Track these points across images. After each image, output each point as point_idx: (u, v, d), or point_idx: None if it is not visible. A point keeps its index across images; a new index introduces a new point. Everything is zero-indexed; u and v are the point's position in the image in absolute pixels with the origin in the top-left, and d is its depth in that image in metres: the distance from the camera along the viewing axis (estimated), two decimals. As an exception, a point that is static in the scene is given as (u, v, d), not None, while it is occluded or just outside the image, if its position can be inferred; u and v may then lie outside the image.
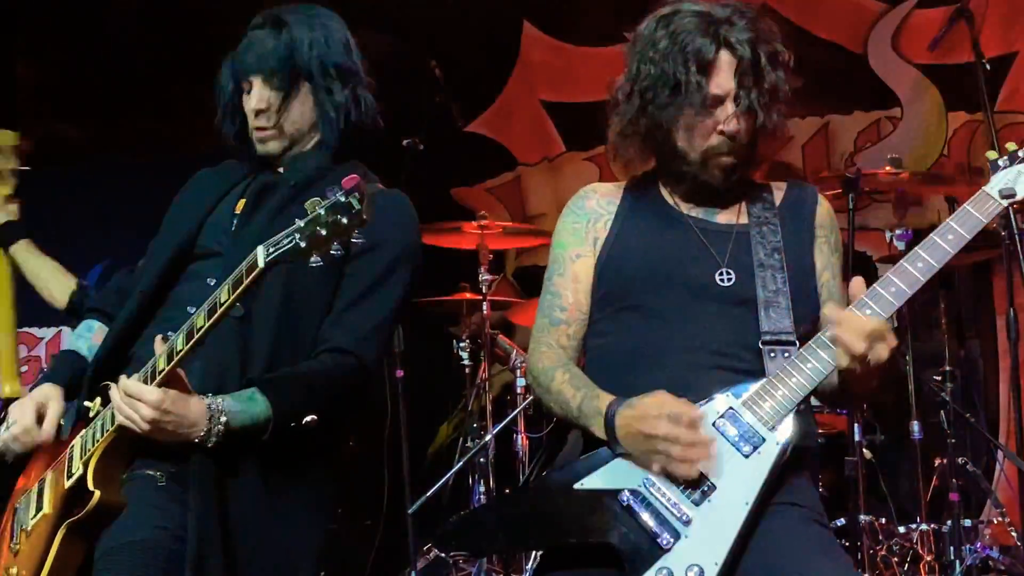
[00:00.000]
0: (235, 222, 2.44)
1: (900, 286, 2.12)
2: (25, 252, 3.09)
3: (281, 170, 2.54)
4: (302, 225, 2.02)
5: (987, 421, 5.06)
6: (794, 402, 2.10)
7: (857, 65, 5.73)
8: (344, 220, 1.99)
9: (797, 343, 2.16)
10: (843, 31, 5.70)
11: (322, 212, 1.99)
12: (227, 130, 2.57)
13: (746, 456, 2.09)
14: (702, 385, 2.16)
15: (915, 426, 4.25)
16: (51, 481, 2.37)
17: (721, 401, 2.13)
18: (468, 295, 4.90)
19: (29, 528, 2.36)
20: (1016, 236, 4.13)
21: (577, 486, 2.15)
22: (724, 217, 2.37)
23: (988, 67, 4.20)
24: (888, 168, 4.26)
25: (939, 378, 4.43)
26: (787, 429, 2.10)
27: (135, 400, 2.17)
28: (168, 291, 2.44)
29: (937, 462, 4.39)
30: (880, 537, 4.24)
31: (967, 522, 4.23)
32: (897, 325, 4.24)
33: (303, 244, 2.02)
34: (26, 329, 4.69)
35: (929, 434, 4.28)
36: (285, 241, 2.04)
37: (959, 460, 4.30)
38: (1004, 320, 4.68)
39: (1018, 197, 2.17)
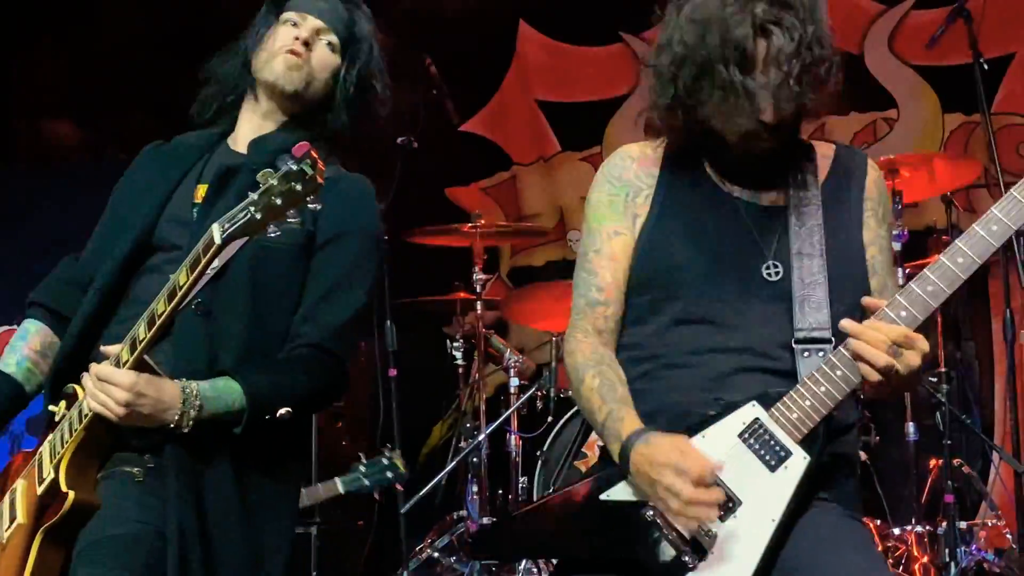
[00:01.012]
0: (195, 212, 2.37)
1: (938, 284, 1.96)
2: None
3: (244, 149, 2.47)
4: (255, 197, 1.98)
5: (982, 423, 5.04)
6: (822, 413, 2.00)
7: (854, 66, 5.67)
8: (298, 187, 1.97)
9: (833, 340, 2.04)
10: (839, 31, 5.62)
11: (275, 182, 1.97)
12: (226, 86, 2.54)
13: (772, 471, 2.01)
14: (736, 388, 2.08)
15: (911, 427, 4.22)
16: (22, 490, 2.31)
17: (748, 411, 2.04)
18: (462, 295, 4.88)
19: (4, 540, 2.29)
20: (1013, 238, 4.11)
21: (603, 497, 2.09)
22: (769, 196, 2.22)
23: (986, 68, 4.18)
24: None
25: (935, 380, 4.39)
26: (816, 443, 2.02)
27: (108, 384, 2.10)
28: (126, 288, 2.36)
29: (932, 464, 4.36)
30: (876, 538, 4.22)
31: (962, 524, 4.20)
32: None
33: (259, 216, 1.98)
34: None
35: (925, 436, 4.25)
36: (240, 215, 2.00)
37: (954, 462, 4.27)
38: (1000, 323, 4.66)
39: None
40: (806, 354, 2.08)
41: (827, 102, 2.13)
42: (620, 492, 2.08)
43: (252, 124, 2.51)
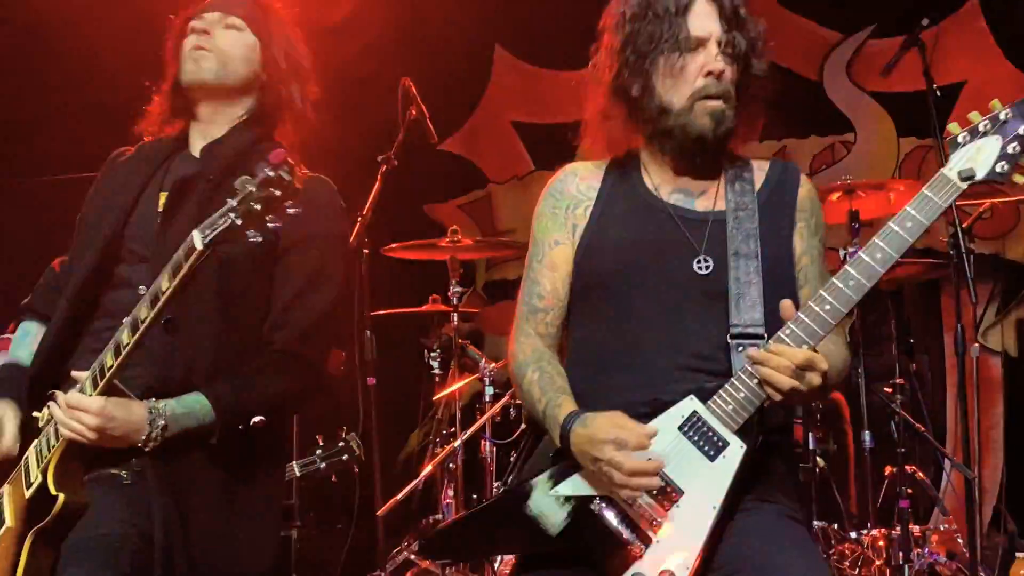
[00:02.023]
0: (158, 222, 2.35)
1: (857, 279, 1.99)
2: None
3: (197, 155, 2.45)
4: (235, 204, 1.99)
5: (935, 432, 5.06)
6: (756, 404, 2.03)
7: (813, 91, 5.76)
8: (277, 192, 1.98)
9: (766, 336, 2.07)
10: (800, 59, 5.73)
11: (254, 189, 1.97)
12: (171, 105, 2.52)
13: (712, 460, 2.05)
14: (674, 385, 2.11)
15: (866, 436, 4.26)
16: (9, 494, 2.31)
17: (687, 405, 2.08)
18: (439, 307, 4.87)
19: None
20: (964, 256, 4.17)
21: (552, 492, 2.11)
22: (702, 203, 2.27)
23: (939, 94, 4.24)
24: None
25: (890, 390, 4.43)
26: (751, 433, 2.05)
27: (78, 411, 2.13)
28: (98, 297, 2.35)
29: (887, 471, 4.39)
30: (832, 542, 4.26)
31: (916, 528, 4.25)
32: (849, 340, 4.27)
33: (239, 221, 1.99)
34: None
35: (880, 444, 4.29)
36: (220, 221, 2.01)
37: (908, 469, 4.31)
38: (952, 337, 4.71)
39: (978, 178, 1.98)
40: (740, 348, 2.10)
41: (763, 81, 2.20)
42: (567, 487, 2.10)
43: (201, 129, 2.49)
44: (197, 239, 2.04)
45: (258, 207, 1.98)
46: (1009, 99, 2.29)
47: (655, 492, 2.04)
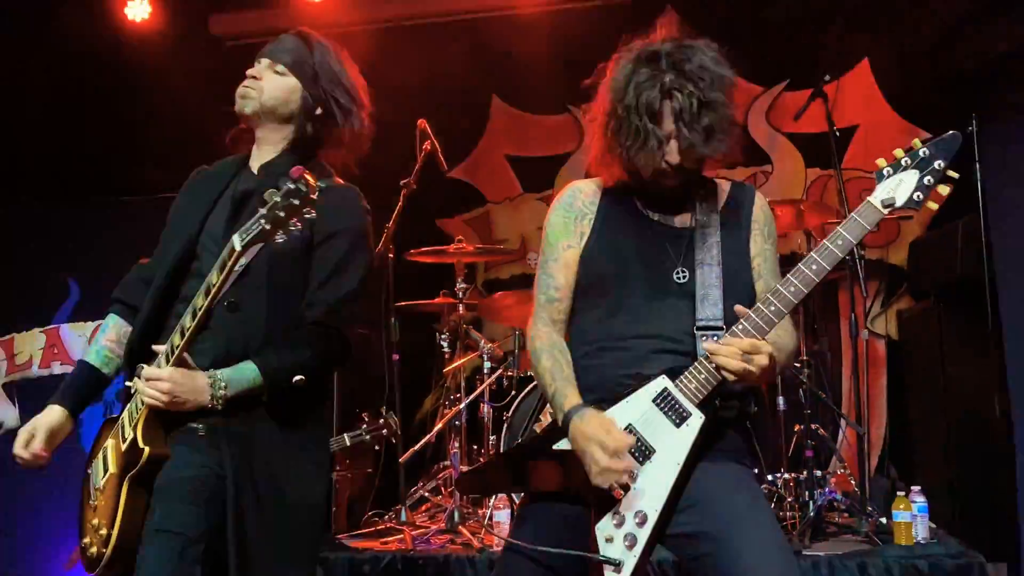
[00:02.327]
0: (224, 228, 2.32)
1: (798, 286, 2.00)
2: None
3: (255, 172, 2.42)
4: (264, 212, 1.99)
5: (833, 398, 5.09)
6: (714, 384, 2.04)
7: (739, 131, 5.74)
8: (296, 201, 1.97)
9: (724, 328, 2.08)
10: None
11: (278, 199, 1.98)
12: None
13: (677, 427, 2.06)
14: (652, 363, 2.12)
15: (780, 400, 4.27)
16: (112, 447, 2.31)
17: (659, 382, 2.09)
18: (448, 299, 4.86)
19: (101, 486, 2.30)
20: (857, 259, 4.18)
21: (555, 447, 2.12)
22: (680, 220, 2.25)
23: (838, 135, 4.25)
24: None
25: (798, 366, 4.44)
26: (709, 405, 2.06)
27: (154, 381, 2.13)
28: (178, 288, 2.32)
29: (797, 428, 4.40)
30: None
31: (818, 473, 4.24)
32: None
33: (268, 226, 1.99)
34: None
35: (791, 407, 4.30)
36: (254, 227, 2.01)
37: (812, 427, 4.31)
38: (847, 324, 4.72)
39: (897, 205, 1.99)
40: (704, 338, 2.10)
41: (721, 150, 2.15)
42: (566, 443, 2.12)
43: (259, 151, 2.45)
44: (236, 242, 2.05)
45: (282, 214, 1.98)
46: (891, 139, 2.30)
47: (634, 451, 2.05)
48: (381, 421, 4.30)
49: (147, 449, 2.17)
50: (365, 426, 4.28)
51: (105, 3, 5.65)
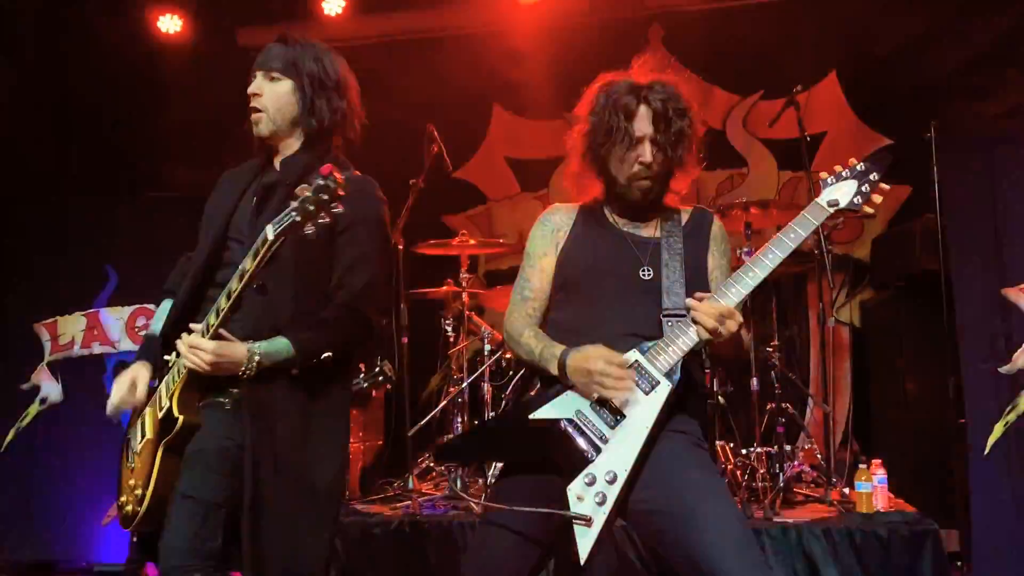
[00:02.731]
0: (250, 218, 2.32)
1: (756, 272, 2.07)
2: None
3: (278, 168, 2.41)
4: (296, 205, 1.99)
5: (801, 379, 5.09)
6: (679, 357, 2.07)
7: (718, 137, 5.74)
8: (325, 196, 1.97)
9: (687, 314, 2.10)
10: (710, 114, 5.71)
11: (309, 194, 1.98)
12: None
13: (647, 393, 2.06)
14: (622, 346, 2.12)
15: (754, 381, 4.24)
16: (149, 415, 2.30)
17: (631, 355, 2.10)
18: (452, 288, 4.84)
19: (138, 450, 2.29)
20: (825, 254, 4.17)
21: (531, 416, 2.11)
22: (646, 231, 2.32)
23: (808, 140, 4.23)
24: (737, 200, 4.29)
25: (770, 350, 4.44)
26: (675, 375, 2.07)
27: (198, 349, 2.12)
28: (213, 274, 2.32)
29: (769, 406, 4.38)
30: (730, 456, 4.26)
31: (788, 447, 4.24)
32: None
33: (299, 218, 1.99)
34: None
35: (763, 387, 4.27)
36: (286, 218, 2.01)
37: (783, 405, 4.30)
38: (815, 312, 4.72)
39: (841, 206, 2.13)
40: (669, 323, 2.14)
41: (687, 155, 2.23)
42: (542, 413, 2.11)
43: (280, 150, 2.43)
44: (270, 231, 2.04)
45: (311, 207, 1.98)
46: (856, 144, 2.35)
47: (607, 416, 2.04)
48: (376, 369, 4.33)
49: (181, 418, 2.18)
50: (363, 375, 4.30)
51: (141, 18, 5.64)
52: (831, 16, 5.46)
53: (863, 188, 2.14)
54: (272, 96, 2.36)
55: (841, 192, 2.14)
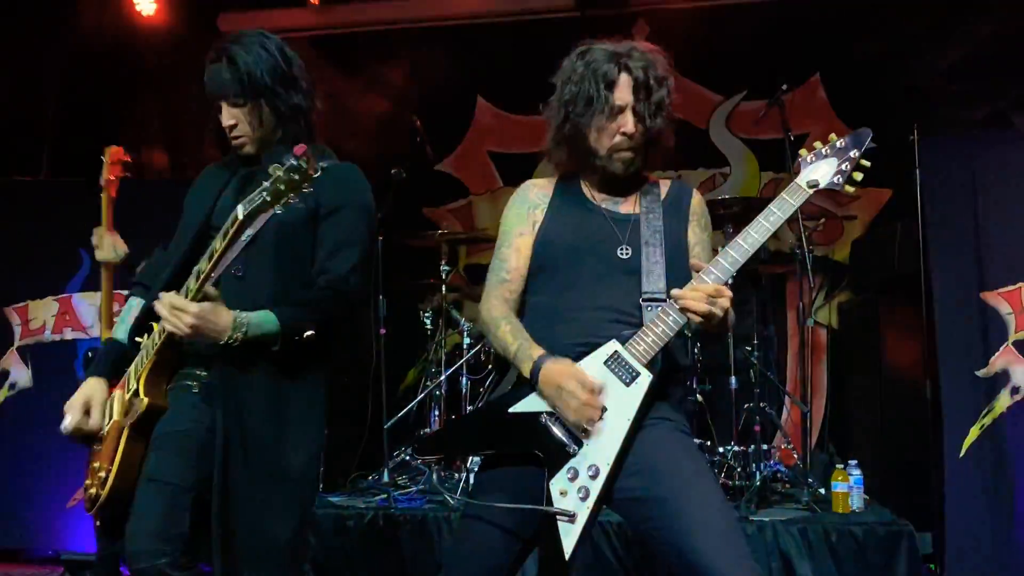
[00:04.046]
0: (232, 205, 2.22)
1: (734, 256, 2.01)
2: None
3: (261, 160, 2.36)
4: (267, 185, 1.93)
5: (779, 379, 5.09)
6: (660, 345, 2.02)
7: (701, 137, 5.74)
8: (296, 176, 1.91)
9: (668, 299, 2.05)
10: (693, 113, 5.70)
11: (280, 173, 1.91)
12: (218, 137, 2.39)
13: (627, 385, 2.01)
14: (602, 332, 2.07)
15: (732, 380, 4.23)
16: (118, 397, 2.26)
17: (610, 345, 2.05)
18: (432, 280, 4.80)
19: (104, 432, 2.24)
20: (806, 255, 4.17)
21: (511, 410, 2.07)
22: (625, 207, 2.25)
23: (792, 139, 4.23)
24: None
25: (749, 349, 4.43)
26: (656, 365, 2.03)
27: (180, 311, 2.04)
28: (194, 261, 2.24)
29: (746, 405, 4.38)
30: (707, 455, 4.25)
31: (764, 446, 4.24)
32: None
33: (269, 198, 1.93)
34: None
35: (741, 386, 4.27)
36: (256, 197, 1.95)
37: (760, 404, 4.30)
38: (795, 312, 4.72)
39: (821, 186, 2.04)
40: (649, 308, 2.08)
41: (664, 128, 2.17)
42: (522, 406, 2.06)
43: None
44: (240, 211, 1.98)
45: (282, 187, 1.92)
46: None
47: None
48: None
49: (146, 400, 2.14)
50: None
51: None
52: (816, 18, 5.47)
53: (843, 167, 2.05)
54: (246, 121, 2.30)
55: (820, 172, 2.04)
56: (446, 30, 5.95)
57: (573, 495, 1.95)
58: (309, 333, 2.17)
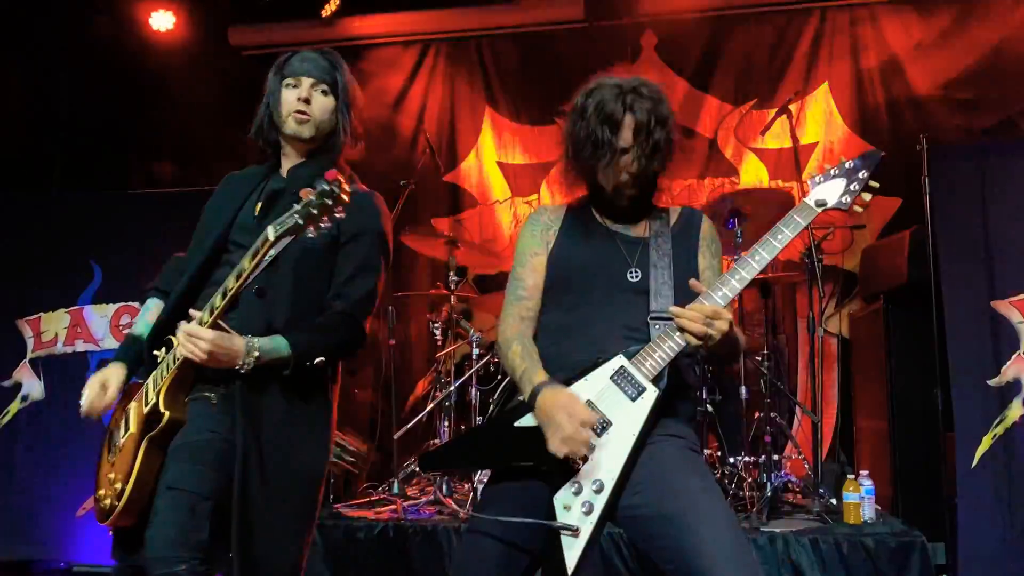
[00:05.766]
0: (255, 221, 2.32)
1: (742, 274, 2.03)
2: None
3: (284, 175, 2.41)
4: (299, 208, 1.96)
5: (789, 389, 5.07)
6: (666, 362, 2.03)
7: (711, 146, 5.75)
8: (329, 201, 1.94)
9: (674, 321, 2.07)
10: (703, 124, 5.71)
11: (313, 198, 1.94)
12: (264, 135, 2.43)
13: (633, 400, 2.02)
14: (611, 348, 2.09)
15: (743, 390, 4.22)
16: (135, 409, 2.28)
17: (617, 360, 2.06)
18: (441, 291, 4.81)
19: (121, 444, 2.27)
20: (816, 264, 4.16)
21: (516, 424, 2.08)
22: (635, 231, 2.29)
23: (801, 143, 4.23)
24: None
25: (759, 359, 4.42)
26: (662, 381, 2.04)
27: (196, 338, 2.08)
28: (210, 274, 2.32)
29: (757, 415, 4.37)
30: (717, 465, 4.24)
31: (775, 456, 4.21)
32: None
33: (301, 221, 1.96)
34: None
35: (752, 396, 4.25)
36: (288, 220, 1.98)
37: (771, 414, 4.28)
38: (805, 322, 4.71)
39: (829, 205, 2.07)
40: (657, 326, 2.11)
41: (664, 164, 2.21)
42: (527, 420, 2.07)
43: (288, 159, 2.44)
44: (270, 232, 2.01)
45: (315, 211, 1.95)
46: (848, 155, 2.32)
47: (594, 425, 2.00)
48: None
49: (167, 414, 2.16)
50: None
51: (133, 14, 5.62)
52: (824, 27, 5.48)
53: (852, 187, 2.07)
54: (319, 107, 2.38)
55: (829, 191, 2.07)
56: (456, 41, 5.99)
57: (577, 509, 1.95)
58: (319, 360, 2.21)
